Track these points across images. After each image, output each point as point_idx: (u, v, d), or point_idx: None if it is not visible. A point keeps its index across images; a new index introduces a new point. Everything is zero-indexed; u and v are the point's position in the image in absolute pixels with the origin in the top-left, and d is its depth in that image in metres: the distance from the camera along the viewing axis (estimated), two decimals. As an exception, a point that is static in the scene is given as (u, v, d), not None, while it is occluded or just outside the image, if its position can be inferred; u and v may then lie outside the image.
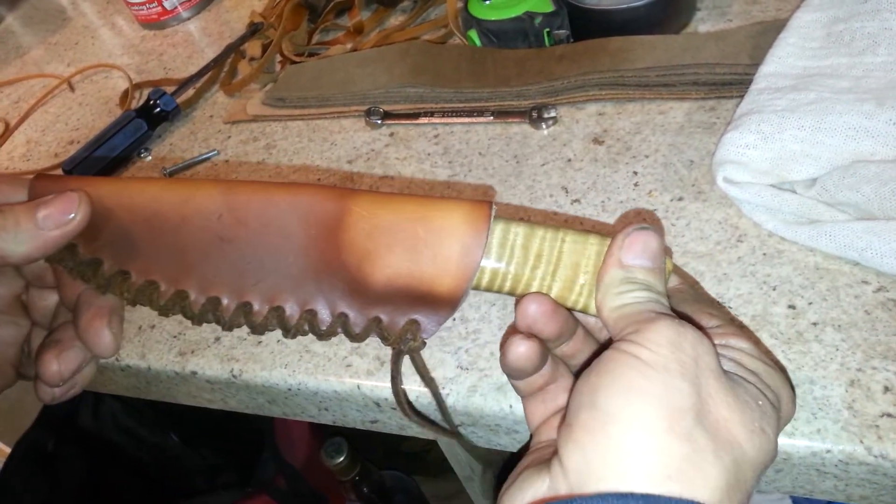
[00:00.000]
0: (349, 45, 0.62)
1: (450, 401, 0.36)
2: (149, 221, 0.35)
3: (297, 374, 0.40)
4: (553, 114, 0.48)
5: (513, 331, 0.31)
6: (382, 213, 0.32)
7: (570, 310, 0.31)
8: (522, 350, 0.29)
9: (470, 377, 0.37)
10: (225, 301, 0.34)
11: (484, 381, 0.36)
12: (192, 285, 0.35)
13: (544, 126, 0.48)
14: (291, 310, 0.33)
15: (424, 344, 0.32)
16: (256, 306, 0.34)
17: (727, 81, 0.44)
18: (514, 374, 0.31)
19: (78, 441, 0.83)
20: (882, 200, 0.35)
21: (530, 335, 0.30)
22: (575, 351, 0.32)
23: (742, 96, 0.42)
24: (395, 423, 0.41)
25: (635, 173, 0.43)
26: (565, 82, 0.48)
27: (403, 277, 0.31)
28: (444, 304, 0.31)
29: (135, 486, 0.85)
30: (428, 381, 0.35)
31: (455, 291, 0.31)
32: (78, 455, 0.83)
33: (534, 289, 0.31)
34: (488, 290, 0.32)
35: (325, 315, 0.33)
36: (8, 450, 0.85)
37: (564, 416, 0.27)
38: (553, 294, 0.31)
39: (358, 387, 0.39)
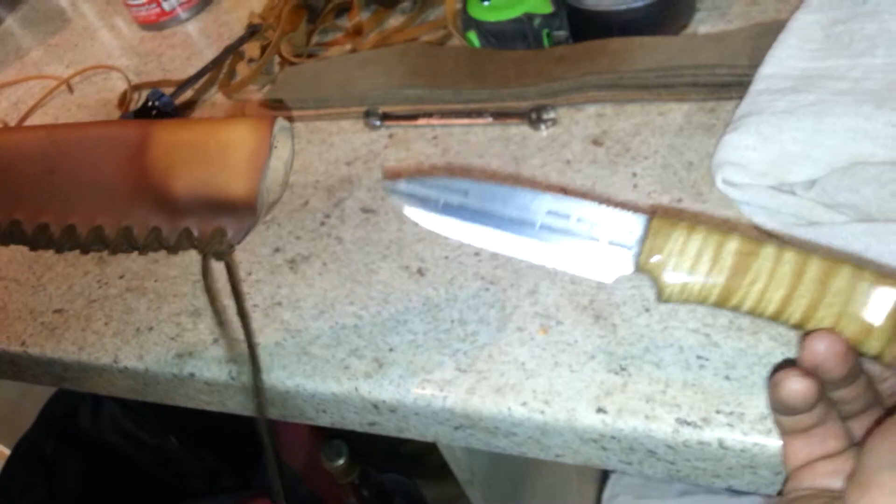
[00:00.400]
0: (348, 47, 0.62)
1: (448, 403, 0.36)
2: None
3: (295, 376, 0.40)
4: (552, 115, 0.48)
5: (790, 365, 0.29)
6: (180, 132, 0.36)
7: (863, 356, 0.28)
8: (799, 388, 0.27)
9: (468, 379, 0.37)
10: (52, 226, 0.38)
11: (482, 384, 0.36)
12: (24, 215, 0.39)
13: (543, 127, 0.48)
14: (109, 229, 0.38)
15: (232, 248, 0.36)
16: (79, 228, 0.38)
17: (727, 83, 0.44)
18: (782, 410, 0.28)
19: (77, 443, 0.83)
20: (881, 202, 0.34)
21: (810, 373, 0.27)
22: (854, 396, 0.28)
23: (741, 98, 0.42)
24: (394, 426, 0.41)
25: (634, 175, 0.43)
26: (564, 83, 0.48)
27: (201, 186, 0.35)
28: (243, 208, 0.35)
29: (134, 489, 0.85)
30: (236, 290, 0.39)
31: (249, 194, 0.35)
32: (77, 457, 0.83)
33: (825, 326, 0.28)
34: (776, 319, 0.29)
35: (140, 230, 0.37)
36: (7, 451, 0.85)
37: (854, 471, 0.24)
38: (847, 335, 0.28)
39: (356, 389, 0.39)
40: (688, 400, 0.33)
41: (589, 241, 0.32)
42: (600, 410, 0.34)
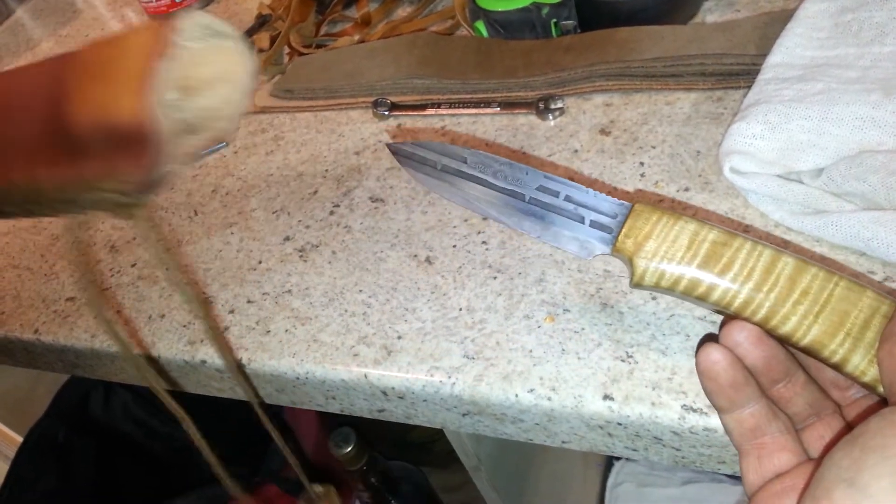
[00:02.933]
0: (357, 37, 0.62)
1: (456, 389, 0.37)
2: None
3: (305, 363, 0.40)
4: (560, 105, 0.48)
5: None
6: (88, 48, 0.29)
7: (823, 361, 0.28)
8: (716, 356, 0.27)
9: (476, 366, 0.37)
10: None
11: (490, 371, 0.37)
12: None
13: (551, 117, 0.48)
14: (21, 179, 0.31)
15: (137, 198, 0.29)
16: None
17: (734, 72, 0.44)
18: (708, 386, 0.28)
19: (89, 431, 0.84)
20: (888, 190, 0.34)
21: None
22: (792, 396, 0.29)
23: (749, 87, 0.42)
24: (402, 412, 0.41)
25: (642, 164, 0.43)
26: (572, 73, 0.48)
27: (97, 108, 0.28)
28: (135, 137, 0.27)
29: (145, 476, 0.86)
30: (154, 247, 0.34)
31: (137, 111, 0.27)
32: (89, 444, 0.84)
33: (790, 325, 0.28)
34: (739, 314, 0.29)
35: (47, 179, 0.30)
36: (20, 439, 0.87)
37: (808, 483, 0.23)
38: (810, 337, 0.28)
39: (365, 376, 0.39)
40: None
41: (573, 220, 0.33)
42: (607, 397, 0.34)
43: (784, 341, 0.28)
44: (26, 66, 0.31)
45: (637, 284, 0.31)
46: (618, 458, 0.91)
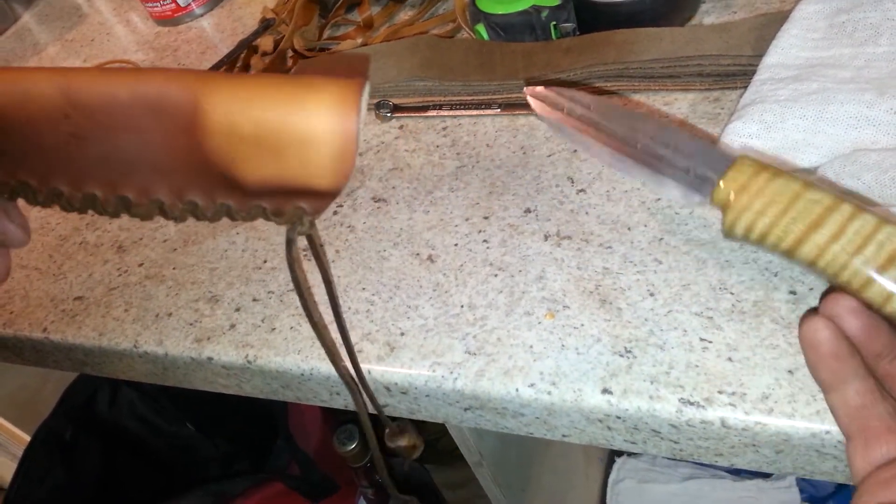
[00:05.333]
0: (359, 40, 0.63)
1: (458, 384, 0.38)
2: (11, 125, 0.32)
3: (310, 359, 0.41)
4: (560, 105, 0.49)
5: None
6: (238, 120, 0.28)
7: None
8: (818, 325, 0.27)
9: (477, 362, 0.38)
10: (100, 195, 0.32)
11: (491, 366, 0.37)
12: (62, 183, 0.32)
13: (551, 118, 0.49)
14: (170, 200, 0.31)
15: (313, 225, 0.30)
16: (133, 198, 0.31)
17: (731, 73, 0.45)
18: (811, 358, 0.28)
19: (95, 429, 0.85)
20: (882, 188, 0.35)
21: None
22: None
23: (746, 87, 0.43)
24: (406, 407, 0.42)
25: (640, 163, 0.44)
26: (572, 74, 0.49)
27: (275, 177, 0.28)
28: (325, 195, 0.29)
29: (151, 474, 0.87)
30: (325, 272, 0.33)
31: (337, 185, 0.28)
32: (95, 443, 0.85)
33: (884, 293, 0.28)
34: (833, 278, 0.29)
35: (206, 205, 0.31)
36: (27, 438, 0.87)
37: None
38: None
39: (369, 372, 0.40)
40: (691, 381, 0.34)
41: (679, 169, 0.34)
42: (606, 391, 0.35)
43: (886, 316, 0.28)
44: (115, 79, 0.30)
45: (727, 234, 0.31)
46: (619, 455, 0.91)
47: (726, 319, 0.35)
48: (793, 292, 0.35)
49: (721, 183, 0.32)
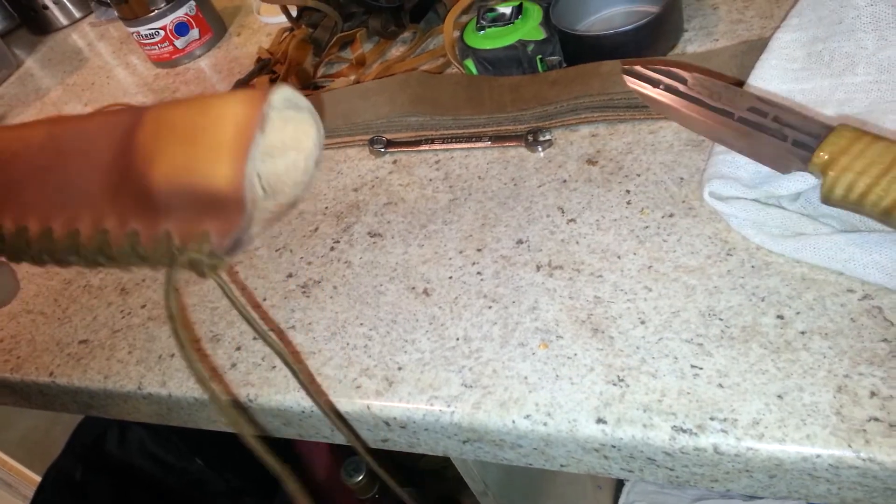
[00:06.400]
0: (352, 77, 0.65)
1: (455, 418, 0.38)
2: None
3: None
4: (548, 137, 0.50)
5: None
6: (170, 111, 0.29)
7: None
8: None
9: (474, 394, 0.38)
10: (33, 228, 0.32)
11: (487, 398, 0.38)
12: (8, 217, 0.33)
13: (540, 149, 0.50)
14: (87, 230, 0.31)
15: (219, 258, 0.29)
16: (57, 230, 0.31)
17: (714, 100, 0.46)
18: None
19: (105, 468, 0.86)
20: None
21: None
22: None
23: (729, 114, 0.44)
24: (405, 441, 0.42)
25: (628, 192, 0.45)
26: (559, 106, 0.50)
27: (182, 172, 0.28)
28: (228, 201, 0.28)
29: (161, 511, 0.87)
30: (237, 307, 0.32)
31: (233, 180, 0.27)
32: (105, 482, 0.85)
33: None
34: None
35: (117, 233, 0.30)
36: (38, 479, 0.88)
37: None
38: None
39: (368, 407, 0.40)
40: (683, 408, 0.34)
41: (777, 138, 0.34)
42: (600, 421, 0.35)
43: None
44: (93, 115, 0.32)
45: (826, 197, 0.32)
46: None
47: (716, 345, 0.36)
48: (780, 316, 0.36)
49: (820, 148, 0.33)
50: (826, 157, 0.32)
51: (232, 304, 0.31)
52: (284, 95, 0.28)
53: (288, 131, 0.29)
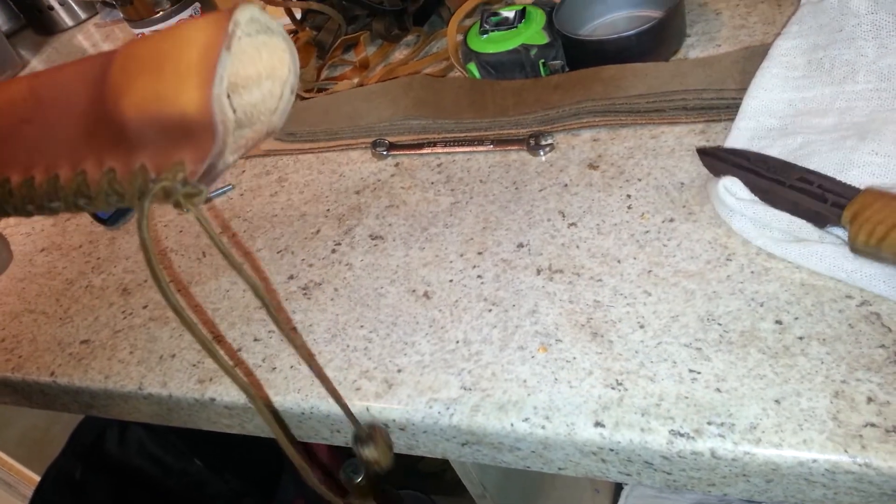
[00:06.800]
0: (356, 80, 0.65)
1: (454, 420, 0.38)
2: None
3: (310, 398, 0.42)
4: (550, 141, 0.50)
5: None
6: (138, 44, 0.29)
7: None
8: None
9: (473, 397, 0.38)
10: (15, 179, 0.32)
11: (486, 401, 0.38)
12: None
13: (542, 153, 0.50)
14: (66, 175, 0.31)
15: (195, 188, 0.28)
16: (38, 178, 0.31)
17: (714, 106, 0.46)
18: None
19: (104, 468, 0.86)
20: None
21: None
22: None
23: (730, 119, 0.44)
24: (404, 443, 0.43)
25: (629, 196, 0.45)
26: (561, 110, 0.50)
27: (152, 101, 0.28)
28: (197, 126, 0.27)
29: (160, 511, 0.87)
30: (215, 240, 0.31)
31: (201, 102, 0.27)
32: (105, 481, 0.85)
33: None
34: None
35: (94, 173, 0.30)
36: (37, 478, 0.88)
37: None
38: None
39: (367, 409, 0.41)
40: (681, 412, 0.34)
41: (819, 199, 0.38)
42: (598, 424, 0.35)
43: None
44: (70, 63, 0.31)
45: (852, 243, 0.35)
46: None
47: (714, 350, 0.36)
48: (778, 322, 0.36)
49: (849, 205, 0.36)
50: (853, 211, 0.36)
51: (208, 237, 0.30)
52: (251, 14, 0.28)
53: (262, 60, 0.29)
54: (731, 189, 0.40)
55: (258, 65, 0.29)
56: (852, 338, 0.34)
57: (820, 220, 0.38)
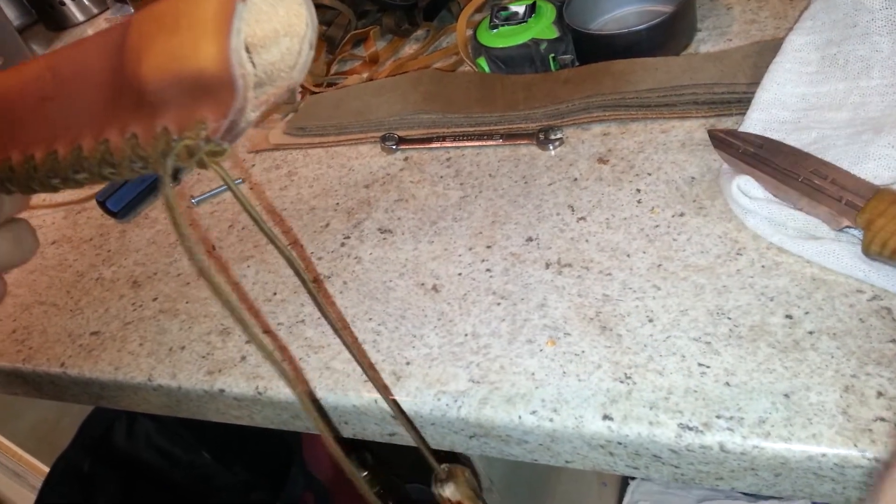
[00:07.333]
0: (365, 75, 0.65)
1: (462, 413, 0.38)
2: None
3: (319, 389, 0.42)
4: (559, 135, 0.50)
5: None
6: (154, 7, 0.28)
7: None
8: None
9: (481, 390, 0.39)
10: (38, 155, 0.32)
11: (494, 394, 0.38)
12: (16, 150, 0.33)
13: (551, 147, 0.50)
14: (89, 145, 0.30)
15: (218, 145, 0.28)
16: (61, 151, 0.31)
17: (725, 100, 0.46)
18: None
19: (112, 460, 0.86)
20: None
21: None
22: None
23: (741, 114, 0.44)
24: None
25: (638, 191, 0.45)
26: (570, 105, 0.50)
27: (170, 61, 0.28)
28: (217, 81, 0.27)
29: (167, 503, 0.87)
30: (243, 204, 0.30)
31: (219, 57, 0.27)
32: (113, 474, 0.86)
33: None
34: None
35: (117, 140, 0.30)
36: (46, 469, 0.89)
37: None
38: None
39: (375, 401, 0.41)
40: (689, 406, 0.34)
41: (833, 197, 0.38)
42: (606, 417, 0.35)
43: None
44: (88, 37, 0.31)
45: (866, 250, 0.35)
46: (633, 477, 0.91)
47: (724, 344, 0.36)
48: (789, 316, 0.36)
49: (863, 210, 0.36)
50: (866, 218, 0.36)
51: (233, 196, 0.30)
52: None
53: (279, 16, 0.29)
54: (745, 188, 0.40)
55: (275, 22, 0.28)
56: (863, 332, 0.34)
57: (833, 221, 0.38)
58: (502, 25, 0.55)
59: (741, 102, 0.45)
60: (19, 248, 0.35)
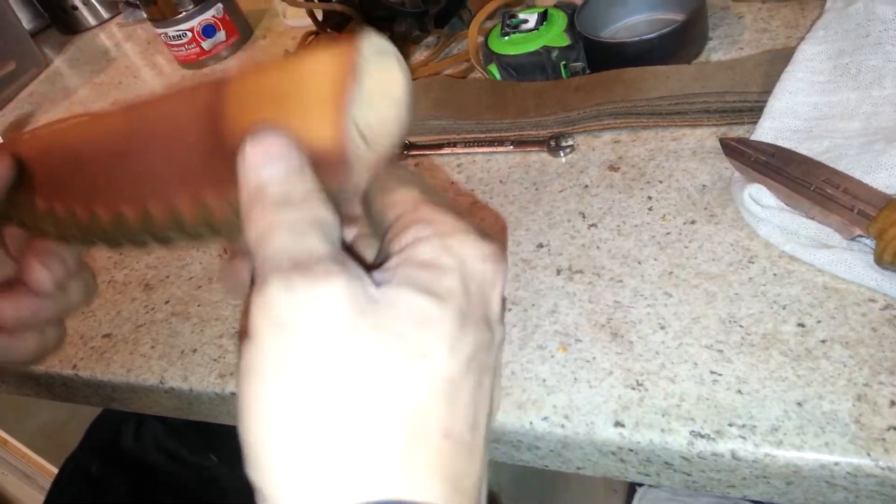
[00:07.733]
0: (376, 80, 0.65)
1: (474, 418, 0.38)
2: (71, 158, 0.34)
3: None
4: (570, 142, 0.50)
5: None
6: (254, 80, 0.29)
7: None
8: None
9: (492, 395, 0.39)
10: (129, 213, 0.32)
11: (506, 399, 0.38)
12: (101, 207, 0.33)
13: (562, 154, 0.50)
14: (187, 207, 0.31)
15: None
16: (156, 213, 0.31)
17: (737, 109, 0.46)
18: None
19: (121, 462, 0.87)
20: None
21: None
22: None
23: (753, 122, 0.44)
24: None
25: (650, 198, 0.45)
26: (581, 112, 0.50)
27: None
28: (330, 158, 0.27)
29: (175, 506, 0.88)
30: None
31: (334, 136, 0.27)
32: (121, 476, 0.86)
33: None
34: None
35: (218, 204, 0.30)
36: (55, 470, 0.89)
37: None
38: None
39: (387, 406, 0.41)
40: (701, 413, 0.34)
41: (845, 206, 0.38)
42: (618, 424, 0.35)
43: None
44: (166, 95, 0.32)
45: (878, 260, 0.36)
46: (640, 484, 0.91)
47: (736, 352, 0.36)
48: (801, 324, 0.36)
49: (875, 220, 0.36)
50: (878, 228, 0.36)
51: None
52: (373, 42, 0.28)
53: (376, 80, 0.28)
54: (757, 197, 0.40)
55: (371, 85, 0.28)
56: (875, 341, 0.34)
57: (846, 230, 0.38)
58: (514, 33, 0.55)
59: (753, 111, 0.45)
60: (87, 295, 0.36)
